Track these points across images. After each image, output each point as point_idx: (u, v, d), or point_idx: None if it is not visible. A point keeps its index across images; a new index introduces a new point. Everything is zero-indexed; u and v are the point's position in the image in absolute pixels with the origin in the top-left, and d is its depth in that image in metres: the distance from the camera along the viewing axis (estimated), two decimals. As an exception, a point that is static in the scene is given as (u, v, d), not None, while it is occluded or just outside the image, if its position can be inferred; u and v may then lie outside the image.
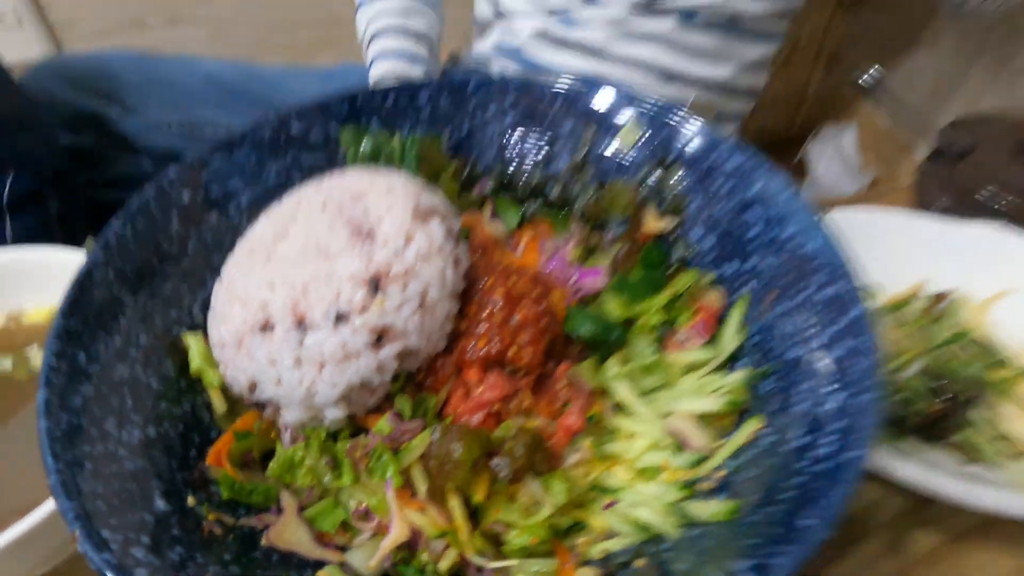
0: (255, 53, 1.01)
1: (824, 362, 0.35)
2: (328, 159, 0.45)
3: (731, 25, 0.72)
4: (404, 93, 0.44)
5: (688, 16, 0.70)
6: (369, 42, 0.74)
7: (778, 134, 1.31)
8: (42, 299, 0.52)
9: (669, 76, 0.73)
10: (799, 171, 1.23)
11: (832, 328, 0.35)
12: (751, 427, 0.35)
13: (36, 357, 0.50)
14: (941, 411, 0.42)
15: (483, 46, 0.75)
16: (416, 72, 0.69)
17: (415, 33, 0.73)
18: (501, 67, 0.75)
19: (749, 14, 0.72)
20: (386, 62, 0.69)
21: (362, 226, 0.32)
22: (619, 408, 0.35)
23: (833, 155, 1.19)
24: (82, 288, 0.36)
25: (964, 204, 0.51)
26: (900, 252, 0.45)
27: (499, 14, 0.75)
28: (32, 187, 0.63)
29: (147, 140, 0.70)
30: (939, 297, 0.45)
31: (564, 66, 0.68)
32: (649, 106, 0.41)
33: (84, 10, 1.03)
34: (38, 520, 0.35)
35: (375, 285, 0.30)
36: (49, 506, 0.35)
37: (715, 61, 0.73)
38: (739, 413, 0.37)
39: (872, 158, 1.14)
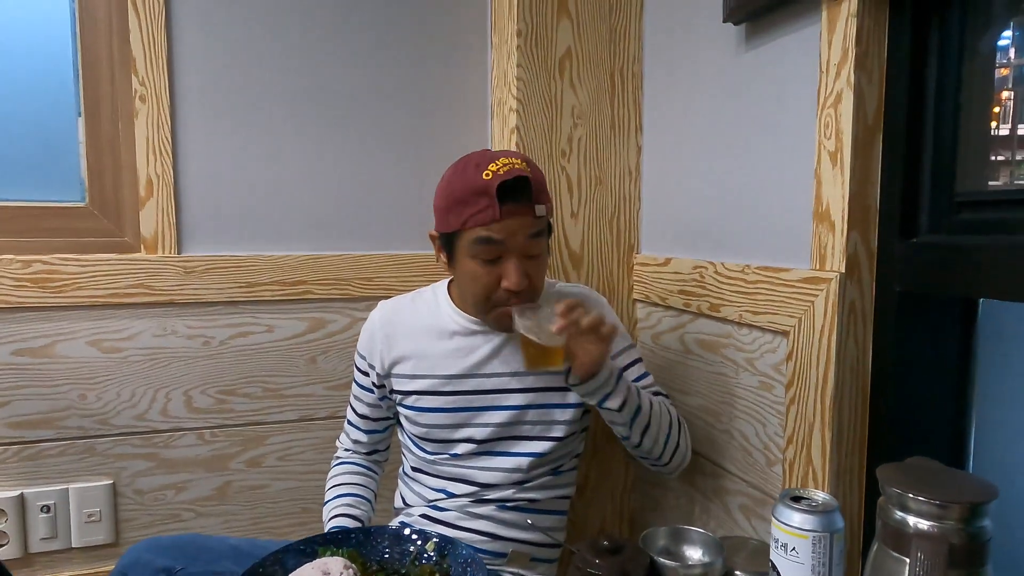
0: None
1: None
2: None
3: (530, 506, 1.13)
4: (343, 534, 0.92)
5: (501, 503, 1.11)
6: (328, 500, 1.16)
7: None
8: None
9: (494, 537, 1.11)
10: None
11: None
12: None
13: None
14: None
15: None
16: (354, 523, 1.09)
17: (360, 496, 1.16)
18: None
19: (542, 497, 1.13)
20: (337, 520, 1.10)
21: (326, 572, 0.76)
22: None
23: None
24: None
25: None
26: None
27: (404, 504, 1.21)
28: None
29: None
30: None
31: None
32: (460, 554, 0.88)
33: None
34: None
35: None
36: None
37: (524, 529, 1.12)
38: None
39: None
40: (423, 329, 1.15)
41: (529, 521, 1.12)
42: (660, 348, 1.43)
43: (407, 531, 0.86)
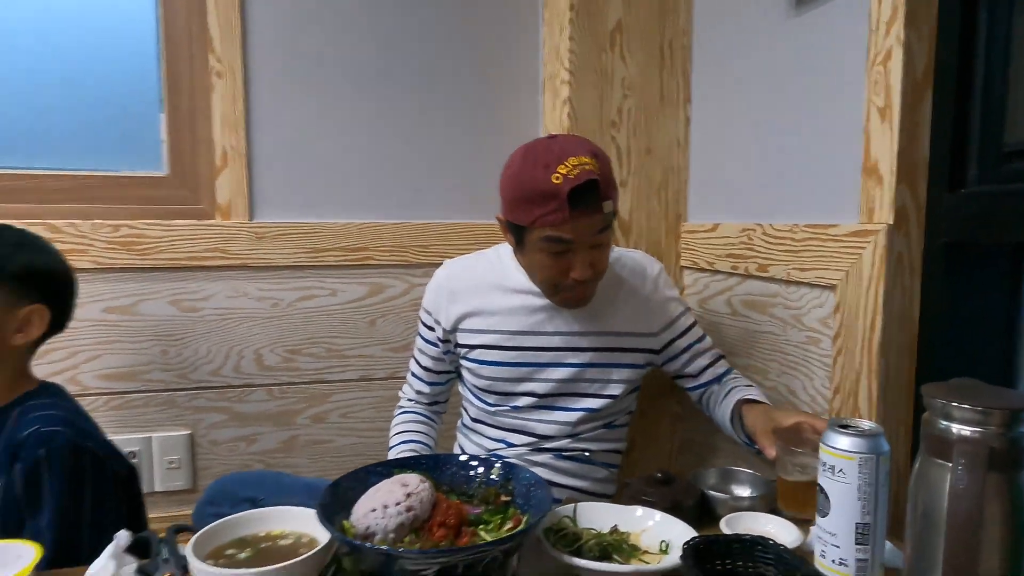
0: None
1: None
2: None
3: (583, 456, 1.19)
4: (414, 459, 0.98)
5: (557, 452, 1.18)
6: (393, 445, 1.22)
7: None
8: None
9: (550, 483, 1.21)
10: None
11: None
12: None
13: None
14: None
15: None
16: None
17: (422, 443, 1.22)
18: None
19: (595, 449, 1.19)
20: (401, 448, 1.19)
21: (405, 484, 0.84)
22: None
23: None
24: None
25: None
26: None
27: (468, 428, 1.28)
28: None
29: None
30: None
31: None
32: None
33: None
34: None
35: (407, 496, 0.80)
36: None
37: (578, 477, 1.19)
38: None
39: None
40: (488, 286, 1.20)
41: (587, 453, 1.18)
42: (707, 312, 1.47)
43: (472, 460, 0.93)
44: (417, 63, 1.60)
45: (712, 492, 0.96)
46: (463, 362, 1.24)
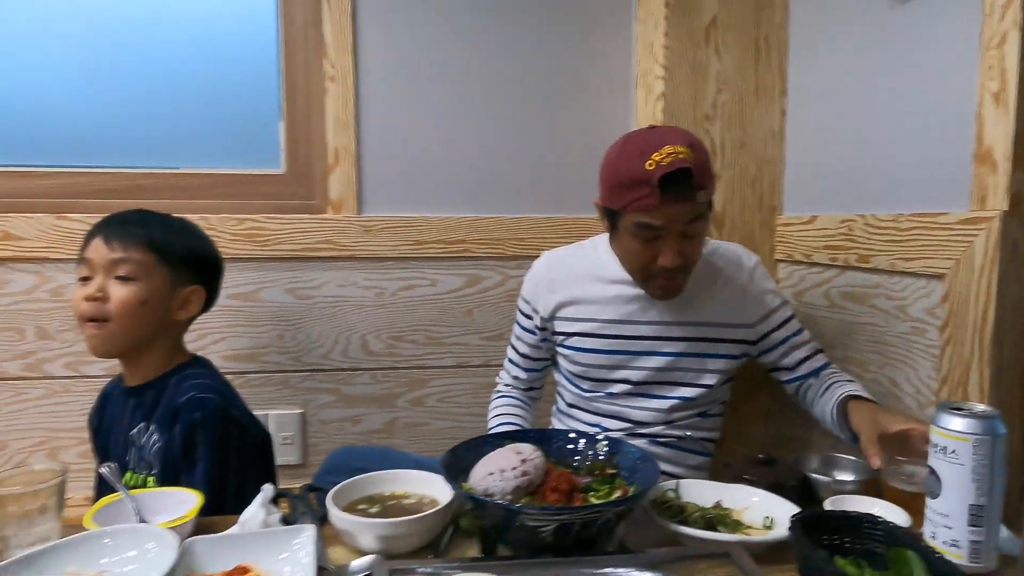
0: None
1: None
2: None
3: (678, 443, 1.22)
4: (522, 432, 1.05)
5: (652, 437, 1.22)
6: (493, 427, 1.28)
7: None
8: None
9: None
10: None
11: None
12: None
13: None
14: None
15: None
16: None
17: (519, 426, 1.27)
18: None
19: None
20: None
21: (519, 451, 0.90)
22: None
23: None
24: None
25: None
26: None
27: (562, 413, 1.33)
28: None
29: None
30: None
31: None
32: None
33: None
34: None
35: (522, 462, 0.86)
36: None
37: (673, 463, 1.21)
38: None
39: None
40: (585, 275, 1.25)
41: (688, 433, 1.21)
42: (803, 305, 1.47)
43: (576, 435, 0.98)
44: (514, 64, 1.67)
45: (815, 475, 0.97)
46: (559, 349, 1.29)
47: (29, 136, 1.59)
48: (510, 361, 1.39)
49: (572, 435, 0.96)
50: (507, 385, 1.40)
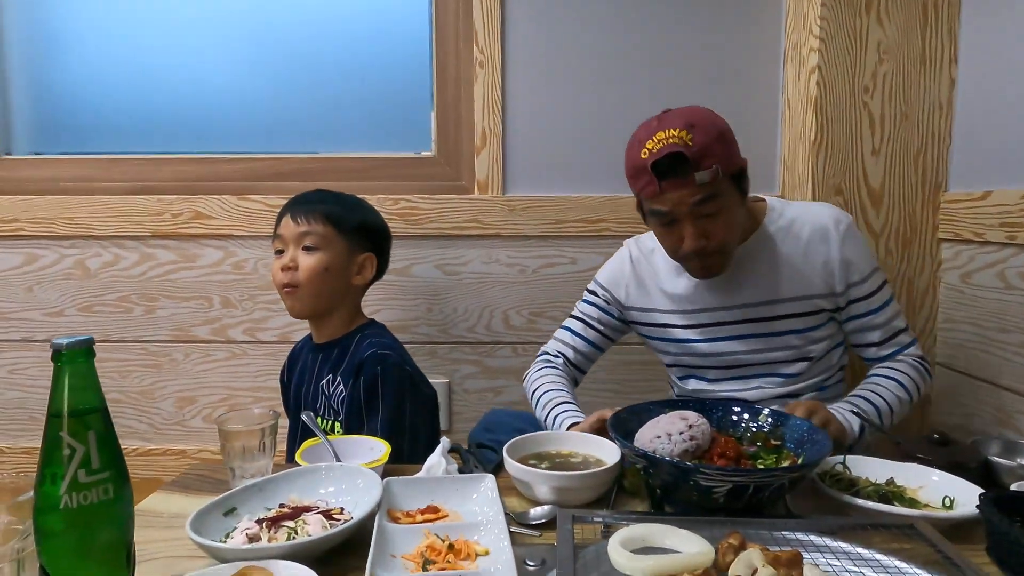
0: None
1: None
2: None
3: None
4: (682, 402, 1.08)
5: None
6: (544, 392, 1.21)
7: None
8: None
9: None
10: None
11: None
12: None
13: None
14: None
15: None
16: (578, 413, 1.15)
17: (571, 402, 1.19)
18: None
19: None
20: (565, 409, 1.16)
21: (684, 417, 0.93)
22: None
23: None
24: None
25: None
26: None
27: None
28: None
29: None
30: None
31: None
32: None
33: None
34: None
35: (689, 428, 0.89)
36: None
37: None
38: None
39: None
40: (666, 270, 1.23)
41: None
42: (970, 287, 1.38)
43: (738, 407, 0.99)
44: (656, 45, 1.67)
45: (997, 459, 0.93)
46: (648, 340, 1.29)
47: (213, 126, 1.78)
48: (566, 329, 1.33)
49: (736, 407, 0.97)
50: (556, 356, 1.33)
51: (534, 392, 1.26)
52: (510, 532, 0.77)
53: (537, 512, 0.84)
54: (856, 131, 1.46)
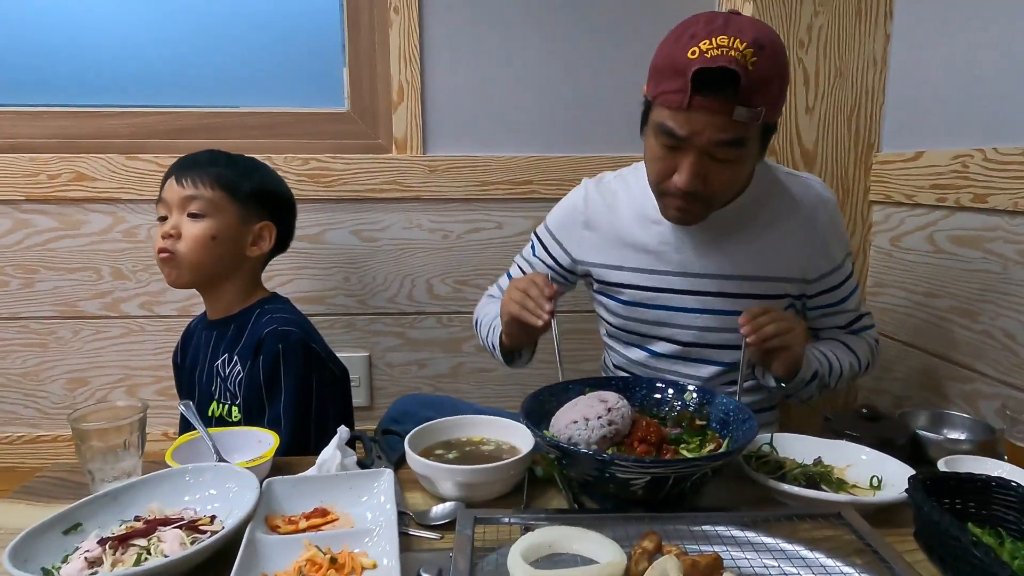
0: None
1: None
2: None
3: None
4: (605, 380, 1.02)
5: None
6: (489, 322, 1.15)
7: None
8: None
9: None
10: None
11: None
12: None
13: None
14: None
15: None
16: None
17: None
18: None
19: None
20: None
21: (604, 400, 0.86)
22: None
23: None
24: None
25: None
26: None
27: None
28: None
29: None
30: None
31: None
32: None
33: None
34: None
35: (608, 411, 0.82)
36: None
37: None
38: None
39: None
40: (628, 218, 1.07)
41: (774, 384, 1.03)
42: (900, 250, 1.35)
43: (664, 384, 0.92)
44: (587, -9, 1.55)
45: (925, 433, 0.89)
46: (596, 297, 1.16)
47: (99, 76, 1.58)
48: (507, 277, 1.22)
49: (660, 384, 0.91)
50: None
51: (480, 323, 1.22)
52: (408, 535, 0.68)
53: (439, 511, 0.75)
54: (791, 88, 1.40)
